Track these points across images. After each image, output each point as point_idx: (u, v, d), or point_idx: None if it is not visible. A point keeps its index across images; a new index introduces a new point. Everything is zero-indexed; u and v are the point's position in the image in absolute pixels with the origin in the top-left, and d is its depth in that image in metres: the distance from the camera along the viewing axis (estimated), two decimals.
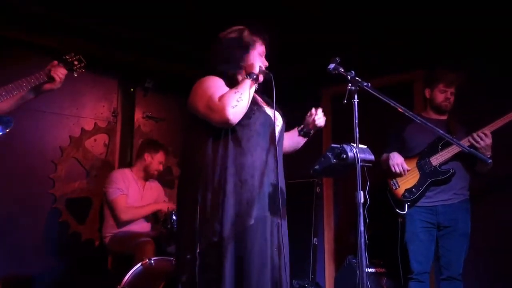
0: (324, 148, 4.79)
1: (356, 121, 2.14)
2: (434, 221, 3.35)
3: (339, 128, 4.85)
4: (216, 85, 2.28)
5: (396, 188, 3.43)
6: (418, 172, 3.39)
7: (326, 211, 4.83)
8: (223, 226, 2.13)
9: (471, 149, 2.46)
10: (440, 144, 3.36)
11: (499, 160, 3.20)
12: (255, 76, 2.29)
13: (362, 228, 2.02)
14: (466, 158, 3.34)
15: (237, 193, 2.18)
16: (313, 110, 2.58)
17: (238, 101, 2.17)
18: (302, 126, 2.62)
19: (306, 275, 4.29)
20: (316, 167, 2.17)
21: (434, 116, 3.51)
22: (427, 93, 3.55)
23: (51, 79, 2.73)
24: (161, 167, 4.17)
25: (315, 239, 4.38)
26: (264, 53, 2.46)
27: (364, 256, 2.01)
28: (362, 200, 2.06)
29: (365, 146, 2.16)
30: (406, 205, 3.36)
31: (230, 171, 2.19)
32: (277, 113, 2.44)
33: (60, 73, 2.75)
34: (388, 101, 2.22)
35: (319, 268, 4.58)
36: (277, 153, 2.35)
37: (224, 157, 2.20)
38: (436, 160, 3.35)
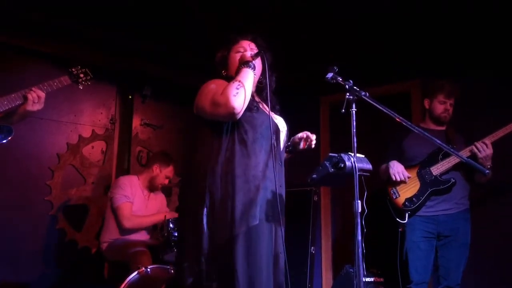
0: (322, 157, 4.80)
1: (354, 130, 2.14)
2: (435, 230, 3.34)
3: (337, 137, 4.87)
4: (218, 84, 2.34)
5: (396, 197, 3.41)
6: (418, 182, 3.38)
7: (324, 220, 4.83)
8: (232, 226, 2.16)
9: (469, 159, 2.46)
10: (441, 154, 3.35)
11: (498, 170, 3.22)
12: (250, 63, 2.34)
13: (359, 237, 2.02)
14: (466, 168, 3.34)
15: (243, 193, 2.21)
16: (310, 134, 2.58)
17: (238, 88, 2.21)
18: (289, 143, 2.62)
19: (303, 283, 4.27)
20: (314, 176, 2.17)
21: (433, 126, 3.51)
22: (426, 104, 3.55)
23: (25, 99, 2.67)
24: (166, 182, 4.14)
25: (312, 247, 4.37)
26: (255, 49, 2.49)
27: (361, 265, 2.01)
28: (359, 210, 2.06)
29: (363, 156, 2.16)
30: (407, 214, 3.34)
31: (237, 172, 2.22)
32: (281, 120, 2.52)
33: (35, 94, 2.69)
34: (386, 111, 2.23)
35: (316, 277, 4.57)
36: (280, 158, 2.41)
37: (231, 158, 2.24)
38: (436, 169, 3.34)
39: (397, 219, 3.37)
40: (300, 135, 2.59)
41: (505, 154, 3.36)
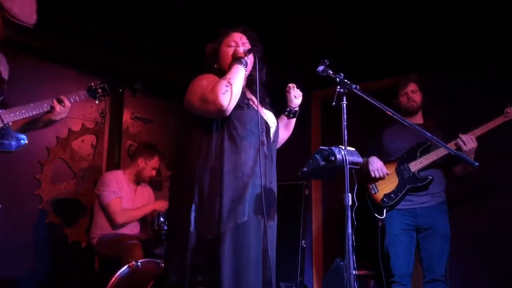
0: (313, 150, 4.80)
1: (345, 123, 2.14)
2: (413, 223, 3.37)
3: (328, 132, 4.88)
4: (208, 80, 2.32)
5: (375, 193, 3.44)
6: (397, 178, 3.41)
7: (315, 214, 4.84)
8: (219, 222, 2.16)
9: (458, 152, 2.47)
10: (419, 151, 3.38)
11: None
12: (242, 60, 2.33)
13: (350, 230, 2.02)
14: (443, 165, 3.38)
15: (232, 190, 2.21)
16: (291, 85, 2.65)
17: (227, 86, 2.21)
18: (288, 109, 2.67)
19: (294, 277, 4.28)
20: (305, 169, 2.17)
21: (409, 120, 3.51)
22: (396, 103, 3.59)
23: (52, 109, 2.70)
24: (153, 173, 4.13)
25: (303, 241, 4.38)
26: (247, 42, 2.48)
27: (352, 259, 2.02)
28: (350, 203, 2.06)
29: (354, 149, 2.16)
30: (385, 210, 3.39)
31: (226, 168, 2.22)
32: (271, 115, 2.50)
33: (62, 104, 2.72)
34: (376, 104, 2.23)
35: (307, 271, 4.58)
36: (272, 154, 2.40)
37: (220, 154, 2.24)
38: (415, 166, 3.37)
39: (376, 214, 3.40)
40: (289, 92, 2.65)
41: (484, 150, 3.35)
